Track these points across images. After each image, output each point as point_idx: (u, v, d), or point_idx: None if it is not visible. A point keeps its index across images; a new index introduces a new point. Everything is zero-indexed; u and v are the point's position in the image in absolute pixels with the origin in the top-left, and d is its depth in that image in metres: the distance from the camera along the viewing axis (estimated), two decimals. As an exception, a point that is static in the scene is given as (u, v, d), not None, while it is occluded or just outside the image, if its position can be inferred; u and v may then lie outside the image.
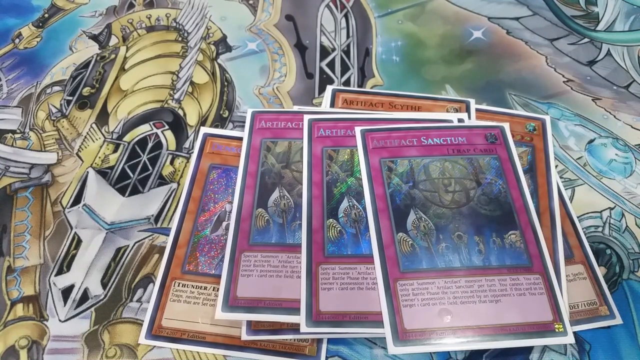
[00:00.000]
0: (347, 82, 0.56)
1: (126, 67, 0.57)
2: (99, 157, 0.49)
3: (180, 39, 0.60)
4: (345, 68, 0.57)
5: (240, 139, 0.49)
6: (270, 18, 0.62)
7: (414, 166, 0.45)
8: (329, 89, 0.53)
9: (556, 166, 0.49)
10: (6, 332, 0.40)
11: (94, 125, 0.52)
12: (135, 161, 0.49)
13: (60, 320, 0.40)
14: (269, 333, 0.38)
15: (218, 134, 0.50)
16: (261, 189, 0.45)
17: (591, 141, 0.51)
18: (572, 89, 0.55)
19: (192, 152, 0.50)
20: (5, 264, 0.43)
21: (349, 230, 0.42)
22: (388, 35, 0.61)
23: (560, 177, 0.48)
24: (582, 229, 0.44)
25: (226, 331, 0.39)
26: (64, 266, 0.43)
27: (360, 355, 0.39)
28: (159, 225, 0.45)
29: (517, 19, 0.62)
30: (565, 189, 0.47)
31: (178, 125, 0.52)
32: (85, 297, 0.41)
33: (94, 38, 0.60)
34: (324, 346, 0.39)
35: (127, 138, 0.51)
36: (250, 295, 0.39)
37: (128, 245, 0.44)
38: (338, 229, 0.42)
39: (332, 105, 0.52)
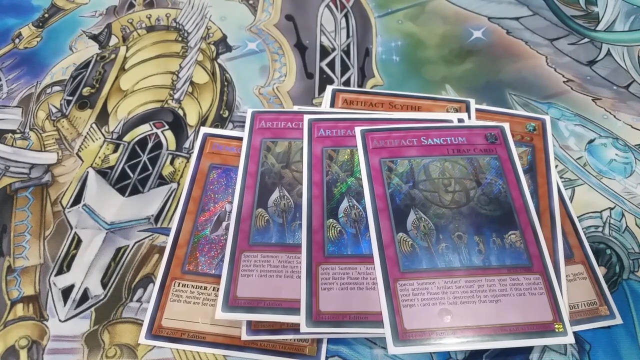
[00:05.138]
0: (347, 82, 0.56)
1: (126, 67, 0.57)
2: (99, 157, 0.49)
3: (180, 39, 0.60)
4: (345, 68, 0.57)
5: (240, 139, 0.49)
6: (270, 18, 0.62)
7: (414, 166, 0.45)
8: (329, 89, 0.53)
9: (556, 166, 0.49)
10: (6, 332, 0.40)
11: (94, 125, 0.52)
12: (135, 161, 0.49)
13: (60, 320, 0.40)
14: (269, 333, 0.38)
15: (218, 134, 0.50)
16: (261, 189, 0.45)
17: (591, 141, 0.51)
18: (572, 89, 0.55)
19: (192, 152, 0.50)
20: (5, 264, 0.43)
21: (349, 230, 0.42)
22: (388, 35, 0.61)
23: (560, 177, 0.48)
24: (582, 229, 0.44)
25: (226, 331, 0.39)
26: (64, 266, 0.43)
27: (360, 355, 0.39)
28: (159, 225, 0.45)
29: (517, 19, 0.62)
30: (565, 189, 0.47)
31: (178, 125, 0.52)
32: (85, 297, 0.41)
33: (94, 38, 0.60)
34: (324, 346, 0.39)
35: (127, 138, 0.51)
36: (250, 295, 0.39)
37: (128, 245, 0.44)
38: (338, 229, 0.42)
39: (332, 105, 0.52)
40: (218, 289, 0.40)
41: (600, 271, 0.42)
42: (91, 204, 0.46)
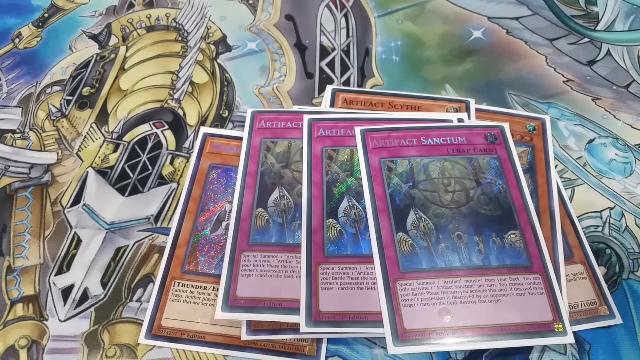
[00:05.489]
0: (347, 82, 0.56)
1: (126, 67, 0.57)
2: (99, 157, 0.49)
3: (180, 39, 0.60)
4: (345, 68, 0.57)
5: (240, 139, 0.49)
6: (270, 18, 0.62)
7: (414, 166, 0.45)
8: (329, 89, 0.53)
9: (556, 166, 0.49)
10: (6, 332, 0.40)
11: (94, 125, 0.52)
12: (135, 161, 0.49)
13: (60, 320, 0.40)
14: (269, 333, 0.38)
15: (218, 134, 0.50)
16: (261, 189, 0.45)
17: (591, 141, 0.51)
18: (572, 89, 0.55)
19: (192, 152, 0.50)
20: (5, 264, 0.43)
21: (349, 230, 0.42)
22: (388, 35, 0.61)
23: (560, 177, 0.48)
24: (582, 229, 0.44)
25: (226, 331, 0.39)
26: (64, 266, 0.43)
27: (360, 355, 0.39)
28: (159, 225, 0.45)
29: (517, 19, 0.62)
30: (565, 189, 0.47)
31: (178, 125, 0.52)
32: (85, 297, 0.41)
33: (94, 38, 0.60)
34: (324, 346, 0.39)
35: (127, 138, 0.51)
36: (250, 295, 0.39)
37: (128, 245, 0.44)
38: (338, 229, 0.42)
39: (332, 105, 0.52)
40: (218, 289, 0.40)
41: (600, 271, 0.42)
42: (91, 204, 0.46)
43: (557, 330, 0.37)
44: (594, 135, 0.52)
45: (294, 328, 0.38)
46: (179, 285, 0.41)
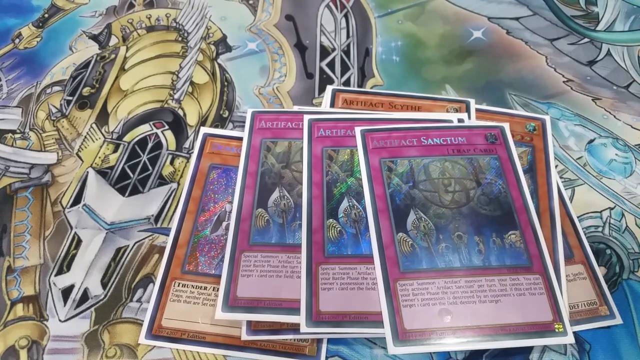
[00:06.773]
0: (347, 82, 0.56)
1: (126, 67, 0.57)
2: (99, 157, 0.49)
3: (180, 39, 0.60)
4: (345, 68, 0.57)
5: (240, 139, 0.49)
6: (270, 18, 0.62)
7: (414, 166, 0.45)
8: (329, 89, 0.53)
9: (556, 166, 0.49)
10: (6, 332, 0.40)
11: (94, 125, 0.52)
12: (135, 161, 0.49)
13: (60, 320, 0.40)
14: (269, 333, 0.38)
15: (218, 134, 0.50)
16: (261, 189, 0.45)
17: (591, 141, 0.51)
18: (572, 89, 0.55)
19: (192, 152, 0.50)
20: (5, 264, 0.43)
21: (349, 230, 0.42)
22: (388, 35, 0.61)
23: (560, 177, 0.48)
24: (582, 229, 0.44)
25: (226, 331, 0.39)
26: (64, 266, 0.43)
27: (360, 355, 0.39)
28: (159, 225, 0.45)
29: (517, 19, 0.62)
30: (565, 189, 0.47)
31: (178, 125, 0.52)
32: (85, 297, 0.41)
33: (94, 38, 0.60)
34: (324, 346, 0.39)
35: (127, 138, 0.51)
36: (250, 295, 0.39)
37: (128, 245, 0.44)
38: (338, 229, 0.42)
39: (332, 105, 0.52)
40: (218, 289, 0.40)
41: (600, 271, 0.42)
42: (91, 204, 0.46)
43: (557, 330, 0.37)
44: (594, 135, 0.52)
45: (294, 328, 0.38)
46: (179, 285, 0.41)
